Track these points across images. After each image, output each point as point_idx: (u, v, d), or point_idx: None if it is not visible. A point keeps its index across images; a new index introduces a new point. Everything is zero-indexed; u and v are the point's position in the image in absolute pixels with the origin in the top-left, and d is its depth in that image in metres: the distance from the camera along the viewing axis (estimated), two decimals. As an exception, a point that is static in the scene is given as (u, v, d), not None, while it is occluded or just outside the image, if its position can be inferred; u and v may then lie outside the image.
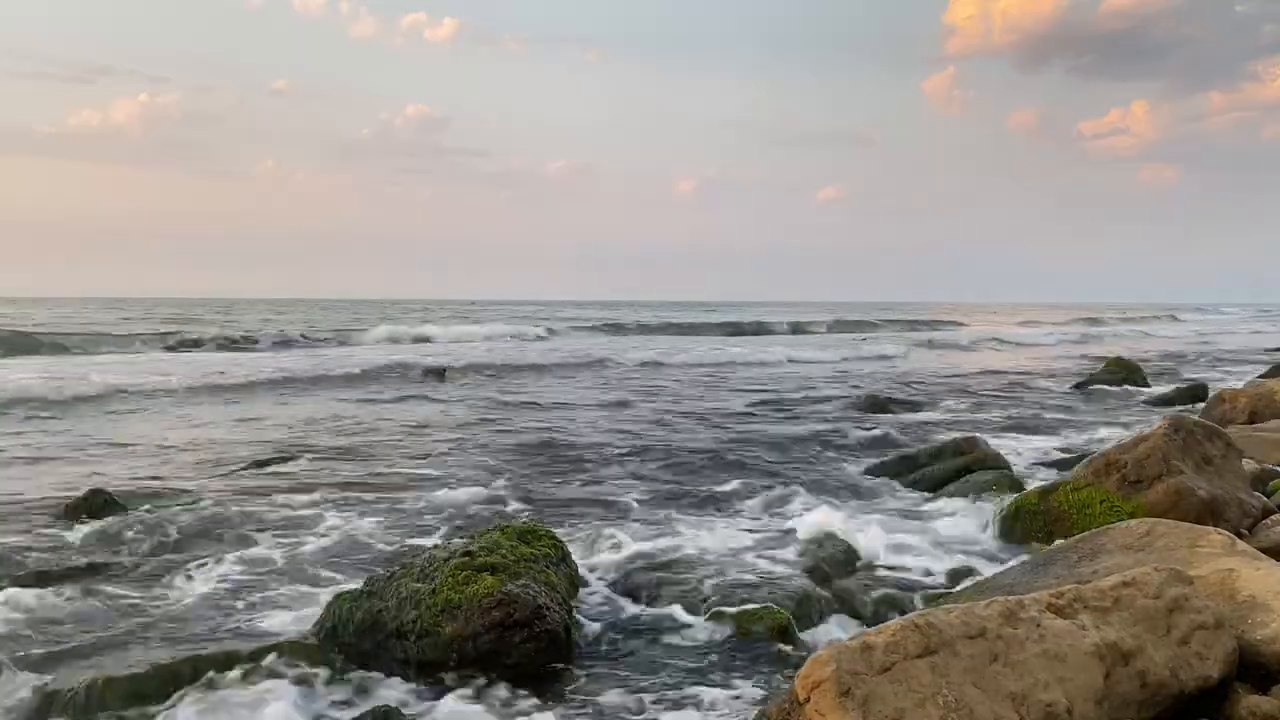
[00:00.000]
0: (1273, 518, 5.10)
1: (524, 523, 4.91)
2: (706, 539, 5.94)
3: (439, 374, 15.83)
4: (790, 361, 22.98)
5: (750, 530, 6.17)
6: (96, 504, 6.33)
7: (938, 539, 5.88)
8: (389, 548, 5.80)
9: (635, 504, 7.04)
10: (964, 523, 6.25)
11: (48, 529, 6.11)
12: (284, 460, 8.67)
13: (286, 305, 71.68)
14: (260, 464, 8.46)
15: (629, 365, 20.80)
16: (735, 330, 40.20)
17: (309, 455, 8.94)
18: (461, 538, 4.61)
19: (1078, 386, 15.36)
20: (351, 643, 4.12)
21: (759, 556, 5.54)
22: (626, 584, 4.91)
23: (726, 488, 7.56)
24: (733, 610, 4.35)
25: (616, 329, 39.21)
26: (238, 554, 5.63)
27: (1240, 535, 4.65)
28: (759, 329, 41.20)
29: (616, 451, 9.28)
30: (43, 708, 3.53)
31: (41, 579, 5.15)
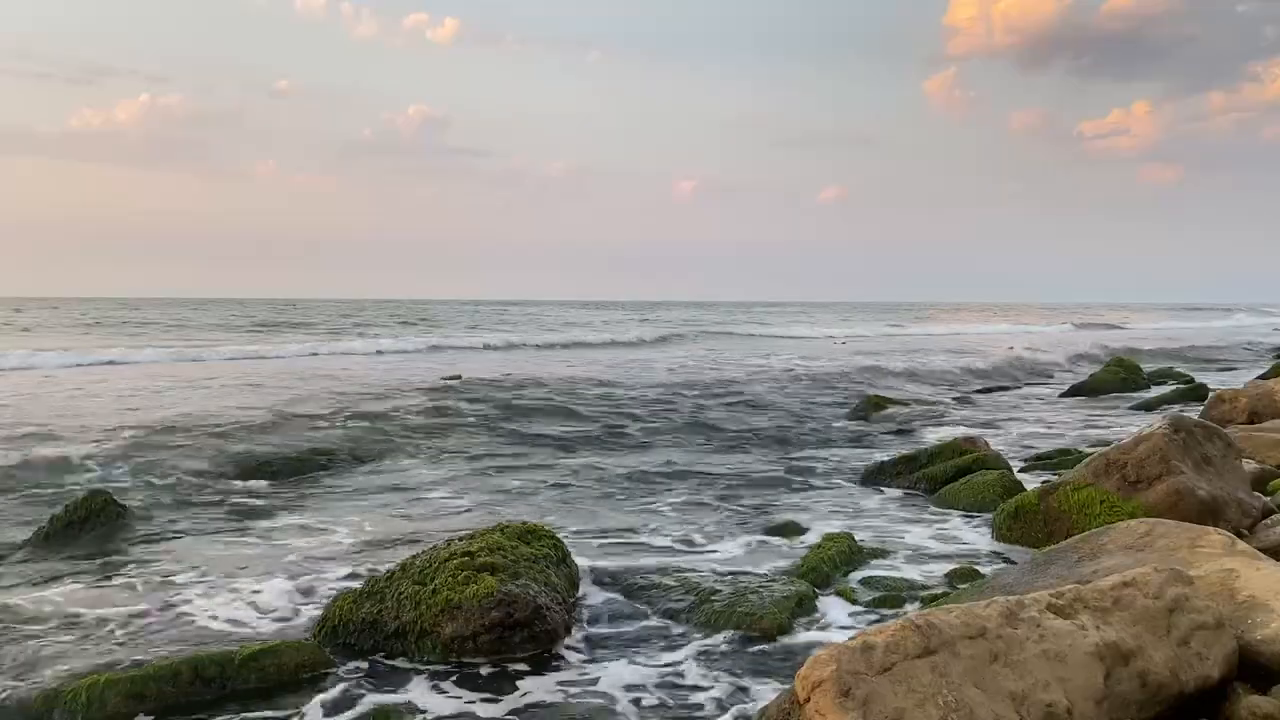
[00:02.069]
0: (1273, 518, 5.10)
1: (524, 523, 4.90)
2: (707, 538, 5.95)
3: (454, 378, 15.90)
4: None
5: (751, 529, 6.16)
6: (96, 504, 6.33)
7: (938, 539, 5.88)
8: (402, 544, 5.80)
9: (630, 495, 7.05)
10: (964, 523, 6.25)
11: (48, 528, 6.10)
12: (293, 460, 8.66)
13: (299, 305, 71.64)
14: (267, 464, 8.46)
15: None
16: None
17: (333, 458, 8.94)
18: (461, 538, 4.61)
19: (1075, 389, 15.34)
20: (352, 643, 4.12)
21: (760, 556, 5.54)
22: (627, 584, 4.90)
23: (724, 483, 7.56)
24: (732, 610, 4.35)
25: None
26: (239, 554, 5.63)
27: (1240, 535, 4.64)
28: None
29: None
30: (44, 708, 3.53)
31: (41, 579, 5.16)
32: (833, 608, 4.59)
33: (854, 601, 4.66)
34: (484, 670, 3.88)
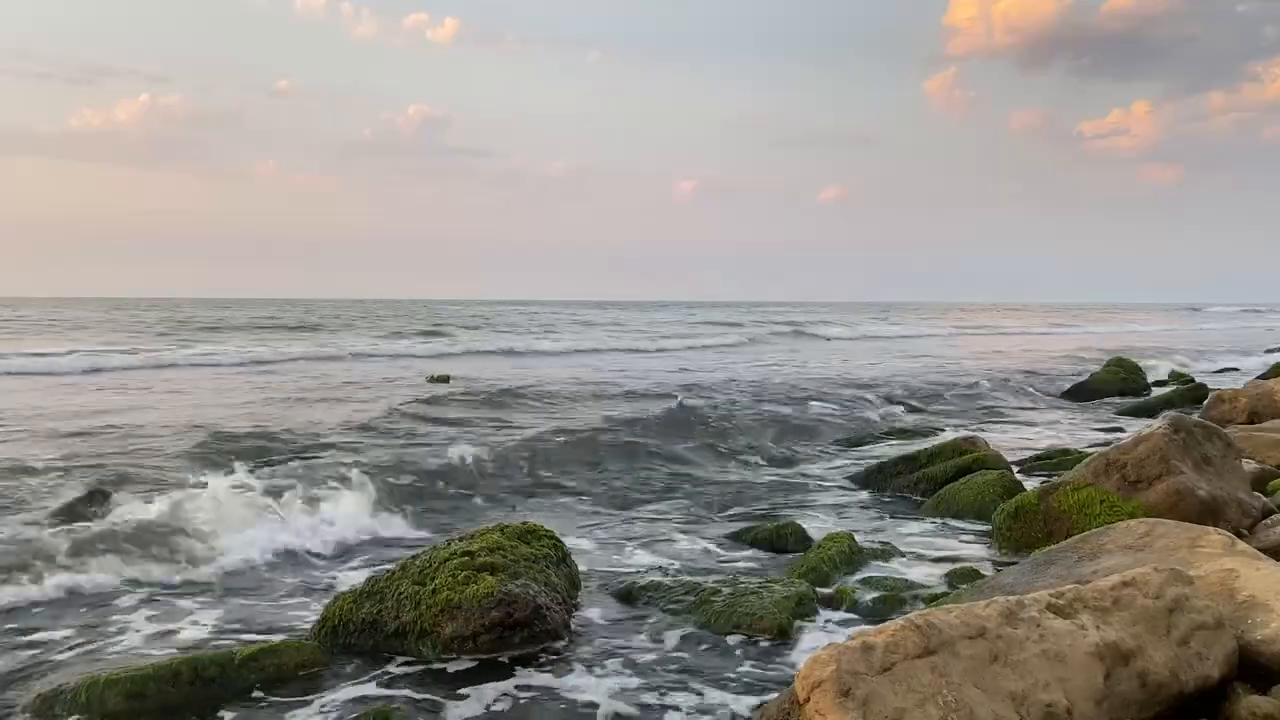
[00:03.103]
0: (1273, 518, 5.10)
1: (524, 523, 4.90)
2: (708, 539, 5.94)
3: (443, 380, 15.88)
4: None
5: (751, 530, 6.16)
6: (95, 504, 6.33)
7: (937, 539, 5.88)
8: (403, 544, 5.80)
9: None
10: (963, 523, 6.25)
11: (48, 527, 6.10)
12: (288, 461, 8.66)
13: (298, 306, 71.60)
14: (270, 463, 8.45)
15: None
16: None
17: (337, 450, 8.93)
18: (461, 538, 4.61)
19: (1073, 389, 15.32)
20: (352, 643, 4.12)
21: (759, 557, 5.54)
22: (626, 584, 4.90)
23: (723, 485, 7.55)
24: (732, 610, 4.35)
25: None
26: (238, 554, 5.63)
27: (1240, 535, 4.64)
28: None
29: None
30: (44, 708, 3.53)
31: (41, 579, 5.15)
32: (833, 608, 4.59)
33: (854, 601, 4.66)
34: (484, 670, 3.88)
